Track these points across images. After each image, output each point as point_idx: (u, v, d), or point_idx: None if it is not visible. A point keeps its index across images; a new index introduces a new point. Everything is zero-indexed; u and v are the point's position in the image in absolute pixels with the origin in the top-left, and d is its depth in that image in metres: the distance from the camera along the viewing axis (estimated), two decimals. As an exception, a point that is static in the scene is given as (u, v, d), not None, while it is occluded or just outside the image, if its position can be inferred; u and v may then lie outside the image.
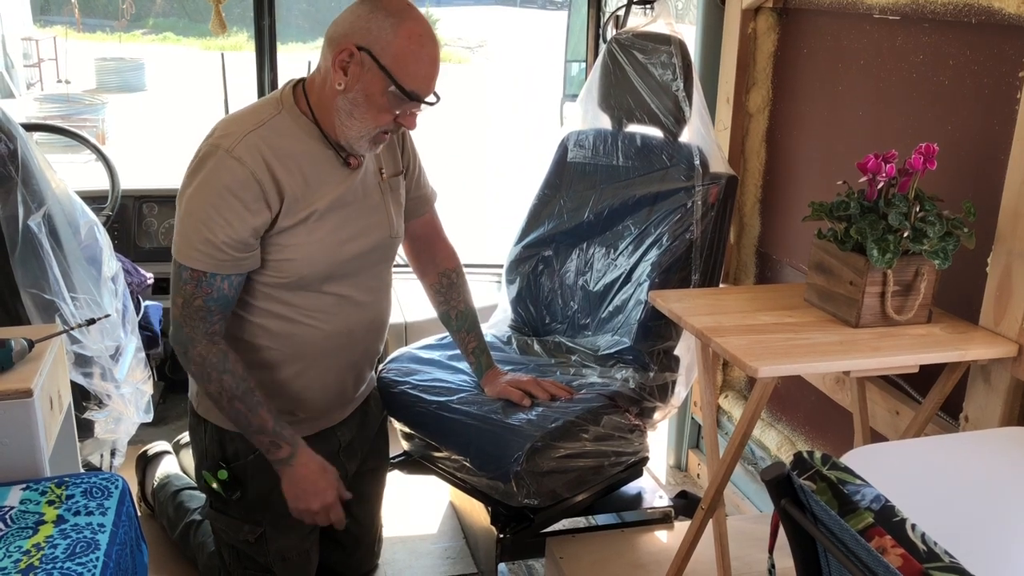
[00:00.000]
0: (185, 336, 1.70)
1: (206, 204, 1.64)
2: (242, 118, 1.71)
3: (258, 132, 1.66)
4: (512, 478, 1.79)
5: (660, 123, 2.12)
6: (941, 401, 1.57)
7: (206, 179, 1.65)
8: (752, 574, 1.86)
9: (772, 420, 2.28)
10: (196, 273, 1.66)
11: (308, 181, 1.71)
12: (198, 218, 1.64)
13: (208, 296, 1.67)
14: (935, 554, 0.80)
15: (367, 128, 1.68)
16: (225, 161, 1.63)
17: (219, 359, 1.70)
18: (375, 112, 1.66)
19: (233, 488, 1.84)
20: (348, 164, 1.76)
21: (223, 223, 1.64)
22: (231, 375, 1.70)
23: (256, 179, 1.64)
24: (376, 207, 1.83)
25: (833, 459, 0.93)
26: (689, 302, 1.68)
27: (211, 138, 1.68)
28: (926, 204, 1.51)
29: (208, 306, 1.68)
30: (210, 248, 1.65)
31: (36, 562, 1.28)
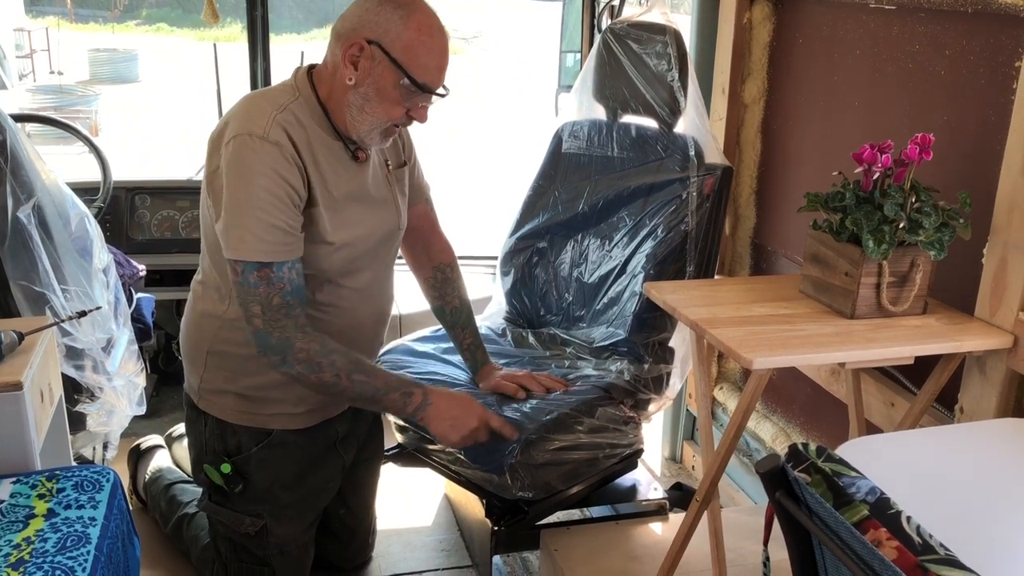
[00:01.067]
0: (278, 342, 1.64)
1: (259, 191, 1.59)
2: (261, 104, 1.67)
3: (282, 115, 1.64)
4: (506, 471, 1.78)
5: (655, 114, 2.11)
6: (936, 392, 1.56)
7: (249, 168, 1.60)
8: (747, 566, 1.86)
9: (767, 412, 2.28)
10: (263, 271, 1.61)
11: (323, 171, 1.70)
12: (255, 207, 1.59)
13: (283, 290, 1.63)
14: (930, 546, 0.79)
15: (379, 122, 1.67)
16: (263, 146, 1.60)
17: (320, 345, 1.66)
18: (387, 106, 1.65)
19: (236, 482, 1.83)
20: (356, 158, 1.75)
21: (280, 205, 1.61)
22: (338, 353, 1.68)
23: (294, 158, 1.63)
24: (385, 199, 1.83)
25: (828, 451, 0.92)
26: (684, 293, 1.67)
27: (234, 128, 1.63)
28: (922, 195, 1.50)
29: (287, 300, 1.64)
30: (275, 234, 1.61)
31: (27, 556, 1.28)
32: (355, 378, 1.68)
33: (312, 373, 1.67)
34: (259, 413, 1.83)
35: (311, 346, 1.66)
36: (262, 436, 1.83)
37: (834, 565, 0.96)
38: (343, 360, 1.68)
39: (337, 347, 1.69)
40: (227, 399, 1.83)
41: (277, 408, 1.83)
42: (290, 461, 1.86)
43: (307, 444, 1.88)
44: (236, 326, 1.77)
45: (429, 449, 2.01)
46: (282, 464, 1.85)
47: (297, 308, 1.66)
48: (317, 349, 1.66)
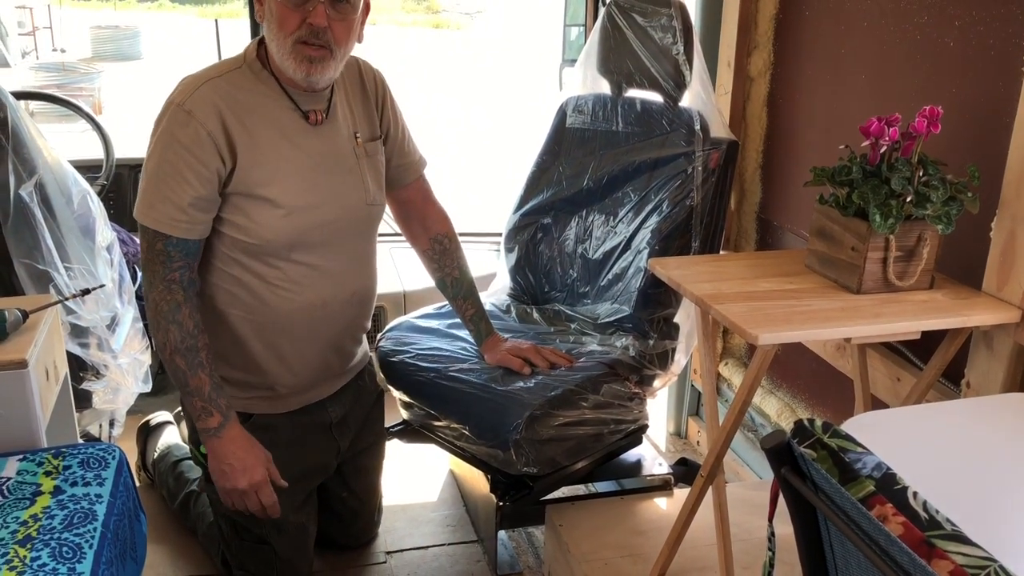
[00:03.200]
0: (146, 282, 1.69)
1: (163, 162, 1.63)
2: (202, 72, 1.70)
3: (212, 83, 1.65)
4: (511, 446, 1.78)
5: (660, 88, 2.09)
6: (943, 368, 1.56)
7: (160, 136, 1.65)
8: (752, 540, 1.86)
9: (772, 387, 2.27)
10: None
11: (268, 137, 1.69)
12: (157, 176, 1.64)
13: (169, 240, 1.65)
14: (937, 522, 0.79)
15: (283, 43, 1.65)
16: (177, 115, 1.63)
17: (170, 308, 1.66)
18: (279, 22, 1.63)
19: None
20: (308, 119, 1.73)
21: (180, 180, 1.63)
22: (178, 327, 1.67)
23: (207, 131, 1.63)
24: (350, 171, 1.79)
25: (834, 427, 0.92)
26: (689, 269, 1.66)
27: (169, 96, 1.68)
28: (929, 168, 1.49)
29: (168, 250, 1.66)
30: (171, 208, 1.63)
31: (34, 533, 1.28)
32: (175, 360, 1.68)
33: (152, 328, 1.70)
34: (236, 396, 1.81)
35: (163, 303, 1.67)
36: (243, 419, 1.81)
37: (839, 541, 0.96)
38: (178, 336, 1.67)
39: (185, 324, 1.67)
40: None
41: (252, 392, 1.83)
42: (275, 444, 1.83)
43: (293, 428, 1.87)
44: (204, 299, 1.77)
45: (434, 425, 2.01)
46: (267, 446, 1.84)
47: (176, 262, 1.66)
48: (164, 310, 1.67)
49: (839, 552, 0.96)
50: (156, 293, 1.67)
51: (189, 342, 1.67)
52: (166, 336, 1.67)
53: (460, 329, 2.10)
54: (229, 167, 1.66)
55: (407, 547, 2.15)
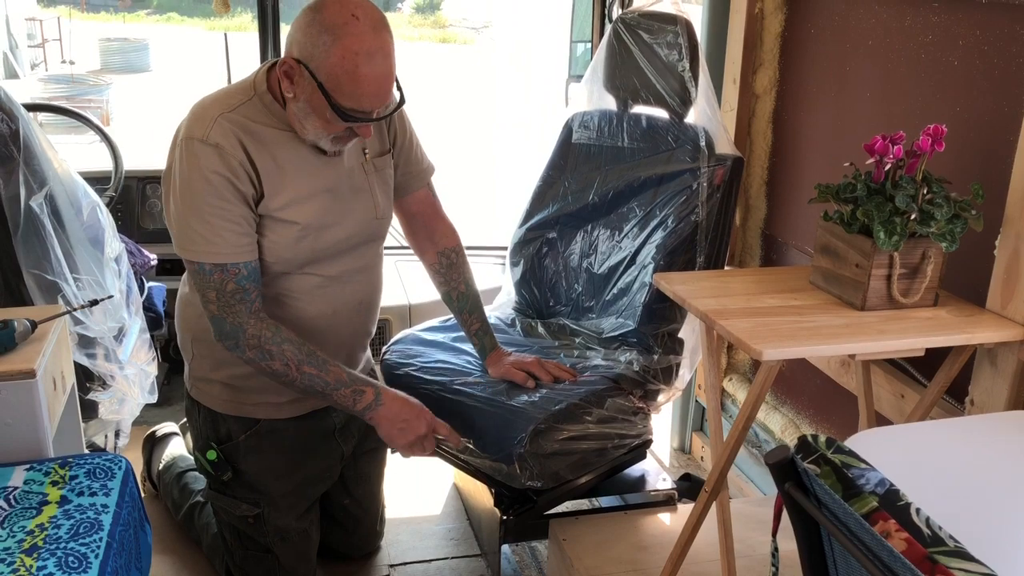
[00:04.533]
0: (231, 327, 1.66)
1: (202, 195, 1.61)
2: (210, 106, 1.67)
3: (228, 116, 1.64)
4: (515, 460, 1.79)
5: (666, 104, 2.11)
6: (947, 385, 1.56)
7: (190, 173, 1.62)
8: (755, 556, 1.86)
9: (777, 403, 2.28)
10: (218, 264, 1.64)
11: (283, 168, 1.69)
12: (198, 213, 1.62)
13: (238, 276, 1.65)
14: (939, 538, 0.79)
15: (322, 134, 1.66)
16: (203, 149, 1.61)
17: (273, 332, 1.67)
18: (323, 122, 1.64)
19: (223, 468, 1.84)
20: (323, 151, 1.73)
21: (225, 205, 1.62)
22: (290, 343, 1.68)
23: (238, 160, 1.63)
24: (359, 189, 1.81)
25: (838, 443, 0.92)
26: (693, 284, 1.67)
27: (184, 131, 1.65)
28: (934, 186, 1.49)
29: (242, 286, 1.65)
30: (232, 237, 1.63)
31: (40, 542, 1.29)
32: (305, 370, 1.68)
33: (263, 360, 1.68)
34: (244, 403, 1.84)
35: (263, 332, 1.66)
36: (250, 424, 1.84)
37: (843, 556, 0.96)
38: (294, 350, 1.68)
39: (291, 337, 1.69)
40: (213, 388, 1.84)
41: (260, 397, 1.84)
42: (280, 450, 1.87)
43: (299, 433, 1.89)
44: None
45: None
46: (271, 452, 1.86)
47: (252, 293, 1.67)
48: (269, 336, 1.67)
49: (843, 568, 0.96)
50: (251, 329, 1.66)
51: (305, 348, 1.70)
52: (284, 359, 1.67)
53: (465, 343, 2.11)
54: (259, 194, 1.67)
55: (411, 560, 2.15)
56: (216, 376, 1.83)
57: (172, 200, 1.66)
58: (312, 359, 1.69)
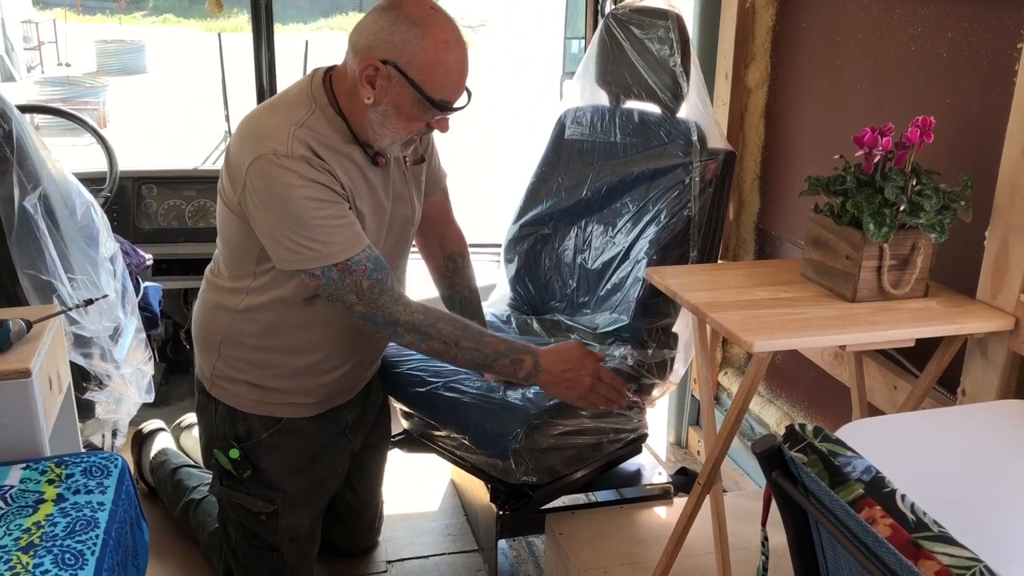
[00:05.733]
0: (383, 319, 1.67)
1: (303, 203, 1.59)
2: (278, 121, 1.64)
3: (302, 130, 1.63)
4: (511, 455, 1.79)
5: (658, 99, 2.11)
6: (938, 375, 1.57)
7: (285, 185, 1.59)
8: (750, 549, 1.87)
9: (771, 397, 2.28)
10: (340, 266, 1.62)
11: (352, 181, 1.69)
12: (306, 220, 1.59)
13: (368, 271, 1.64)
14: (924, 524, 0.80)
15: (399, 136, 1.67)
16: (291, 163, 1.59)
17: (424, 314, 1.69)
18: (406, 122, 1.64)
19: (244, 467, 1.85)
20: (376, 163, 1.74)
21: (328, 205, 1.61)
22: (443, 321, 1.70)
23: (322, 165, 1.62)
24: (401, 197, 1.83)
25: (825, 431, 0.93)
26: (686, 278, 1.68)
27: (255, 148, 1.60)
28: (923, 178, 1.50)
29: (376, 278, 1.65)
30: (336, 234, 1.62)
31: (36, 540, 1.30)
32: (464, 345, 1.71)
33: (422, 342, 1.70)
34: (270, 402, 1.84)
35: (415, 316, 1.68)
36: (272, 423, 1.85)
37: (830, 544, 0.97)
38: (449, 328, 1.71)
39: (441, 314, 1.72)
40: (239, 387, 1.84)
41: (288, 398, 1.85)
42: (300, 447, 1.88)
43: (317, 431, 1.90)
44: (250, 318, 1.79)
45: (434, 435, 2.02)
46: (292, 450, 1.87)
47: (388, 281, 1.67)
48: (422, 319, 1.69)
49: (830, 555, 0.97)
50: (403, 316, 1.67)
51: (459, 323, 1.72)
52: (440, 336, 1.69)
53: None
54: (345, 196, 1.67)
55: (408, 556, 2.16)
56: (244, 377, 1.83)
57: (267, 220, 1.62)
58: (468, 333, 1.72)
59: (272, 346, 1.80)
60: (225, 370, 1.85)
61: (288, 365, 1.82)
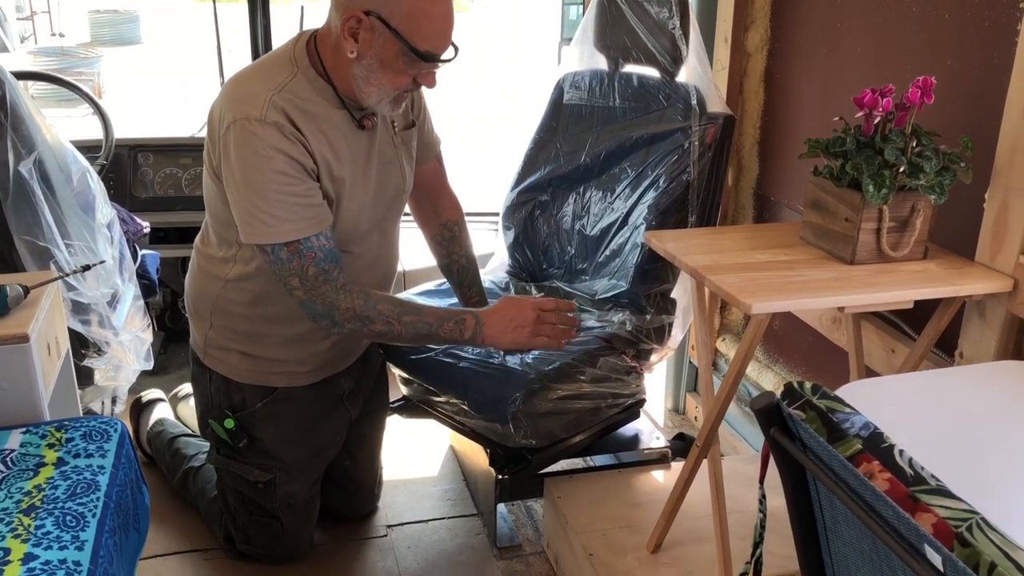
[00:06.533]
0: (323, 308, 1.66)
1: (269, 174, 1.58)
2: (256, 84, 1.63)
3: (280, 95, 1.61)
4: (510, 419, 1.80)
5: (657, 63, 2.10)
6: (936, 337, 1.57)
7: (254, 152, 1.58)
8: (747, 512, 1.88)
9: (769, 362, 2.29)
10: (292, 246, 1.61)
11: (334, 146, 1.67)
12: (269, 191, 1.59)
13: (316, 259, 1.63)
14: (921, 478, 0.81)
15: (386, 92, 1.64)
16: (263, 129, 1.57)
17: (363, 300, 1.68)
18: (392, 76, 1.61)
19: (240, 436, 1.86)
20: (363, 127, 1.72)
21: (293, 181, 1.60)
22: (383, 302, 1.70)
23: (295, 134, 1.60)
24: (390, 163, 1.81)
25: (823, 389, 0.93)
26: (684, 242, 1.67)
27: (231, 112, 1.60)
28: (923, 139, 1.49)
29: (322, 268, 1.64)
30: (295, 211, 1.61)
31: (37, 502, 1.30)
32: (406, 320, 1.71)
33: (364, 327, 1.69)
34: (264, 372, 1.85)
35: (355, 303, 1.67)
36: (266, 393, 1.85)
37: (828, 499, 0.97)
38: (389, 307, 1.70)
39: (380, 296, 1.71)
40: (232, 357, 1.84)
41: (282, 367, 1.85)
42: (296, 417, 1.88)
43: (313, 400, 1.90)
44: (239, 287, 1.78)
45: (434, 400, 2.03)
46: (288, 420, 1.88)
47: (334, 272, 1.66)
48: (361, 304, 1.67)
49: (828, 511, 0.98)
50: (343, 304, 1.66)
51: (395, 301, 1.72)
52: (383, 318, 1.69)
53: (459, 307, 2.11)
54: (316, 174, 1.65)
55: (408, 520, 2.17)
56: (236, 346, 1.83)
57: (234, 187, 1.62)
58: (407, 308, 1.72)
59: (262, 315, 1.80)
60: (217, 340, 1.85)
61: (279, 334, 1.81)
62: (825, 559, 1.05)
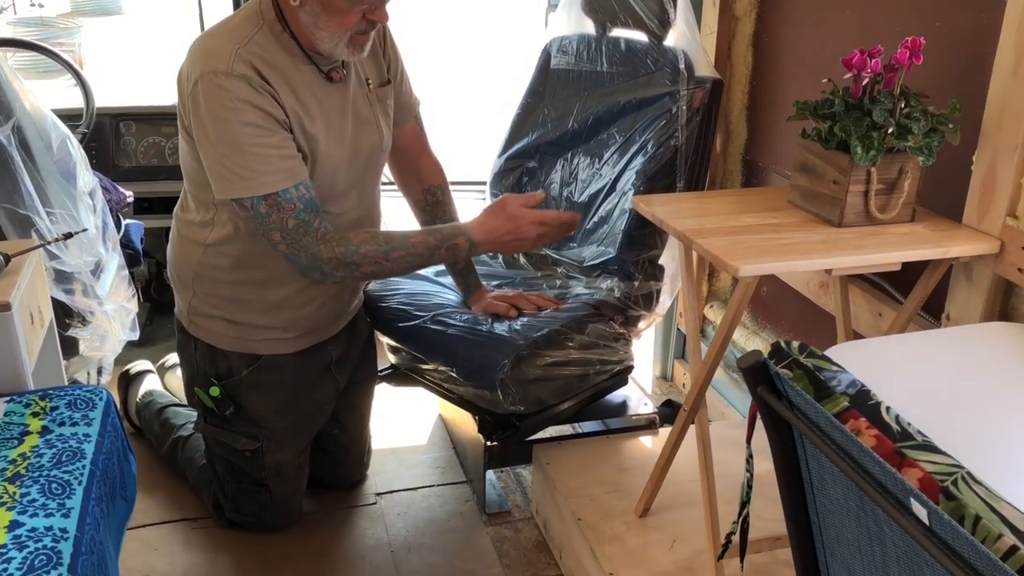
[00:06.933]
0: (308, 260, 1.65)
1: (240, 127, 1.57)
2: (222, 39, 1.61)
3: (246, 48, 1.59)
4: (498, 386, 1.80)
5: (644, 26, 2.07)
6: (923, 300, 1.57)
7: (223, 106, 1.56)
8: (735, 476, 1.88)
9: (756, 328, 2.29)
10: (270, 200, 1.60)
11: (302, 100, 1.65)
12: (241, 144, 1.57)
13: (296, 210, 1.62)
14: (908, 434, 0.81)
15: (337, 34, 1.61)
16: (231, 82, 1.55)
17: (346, 246, 1.66)
18: (337, 16, 1.59)
19: (226, 404, 1.85)
20: (331, 79, 1.70)
21: (266, 133, 1.58)
22: (366, 243, 1.68)
23: (263, 86, 1.58)
24: (366, 121, 1.79)
25: (810, 348, 0.93)
26: (672, 206, 1.67)
27: (198, 67, 1.58)
28: (911, 100, 1.48)
29: (302, 219, 1.62)
30: (271, 163, 1.59)
31: (23, 470, 1.29)
32: (394, 256, 1.70)
33: (354, 273, 1.69)
34: (248, 339, 1.83)
35: (337, 251, 1.66)
36: (251, 360, 1.84)
37: (815, 457, 0.97)
38: (373, 247, 1.68)
39: (362, 237, 1.69)
40: (216, 324, 1.83)
41: (266, 334, 1.84)
42: (282, 384, 1.87)
43: (299, 367, 1.89)
44: (219, 252, 1.77)
45: (422, 368, 2.02)
46: (274, 387, 1.87)
47: (315, 222, 1.65)
48: (343, 251, 1.66)
49: (815, 469, 0.98)
50: (327, 254, 1.65)
51: (380, 238, 1.70)
52: (370, 259, 1.68)
53: (446, 275, 2.11)
54: (288, 123, 1.63)
55: (397, 488, 2.18)
56: (219, 313, 1.82)
57: (206, 143, 1.60)
58: (393, 243, 1.70)
59: (243, 279, 1.78)
60: (201, 307, 1.83)
61: (261, 299, 1.80)
62: (812, 517, 1.05)
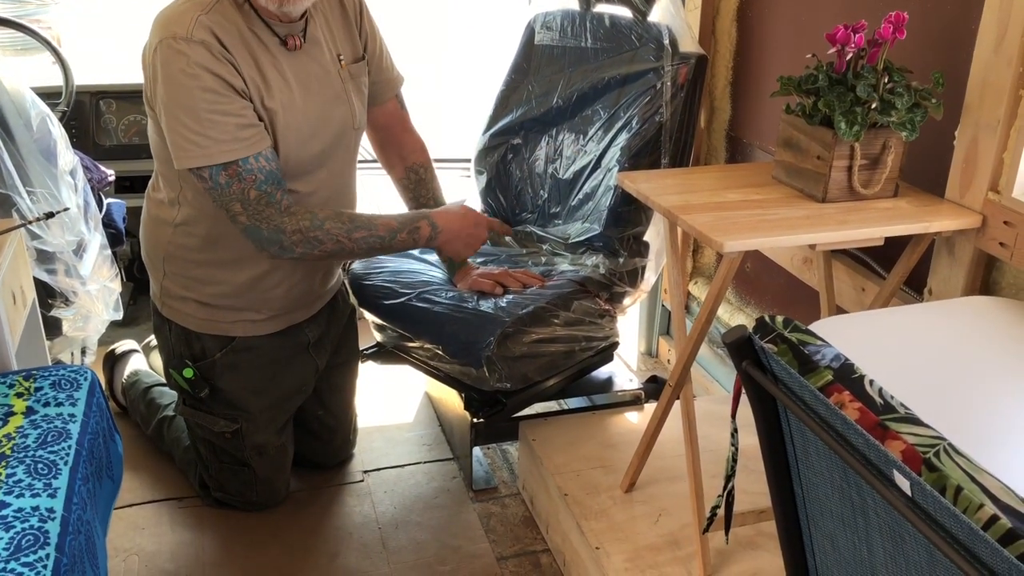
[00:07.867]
0: (269, 233, 1.63)
1: (198, 93, 1.55)
2: (186, 4, 1.60)
3: (208, 16, 1.58)
4: (484, 363, 1.81)
5: (628, 2, 2.06)
6: (906, 275, 1.58)
7: (180, 71, 1.55)
8: (719, 451, 1.90)
9: (741, 304, 2.30)
10: (230, 169, 1.58)
11: (263, 71, 1.64)
12: (199, 110, 1.55)
13: (257, 181, 1.60)
14: (891, 407, 0.82)
15: None
16: (189, 47, 1.54)
17: (310, 220, 1.65)
18: None
19: (200, 386, 1.84)
20: (286, 44, 1.67)
21: (224, 100, 1.56)
22: (330, 220, 1.67)
23: (223, 54, 1.57)
24: (337, 97, 1.77)
25: (795, 322, 0.94)
26: (657, 182, 1.67)
27: (158, 34, 1.57)
28: (895, 75, 1.49)
29: (264, 190, 1.61)
30: (229, 131, 1.57)
31: (8, 451, 1.29)
32: (356, 236, 1.69)
33: (314, 250, 1.67)
34: (220, 320, 1.83)
35: (301, 224, 1.64)
36: (225, 342, 1.83)
37: (799, 431, 0.98)
38: (337, 225, 1.67)
39: (327, 214, 1.68)
40: (188, 306, 1.82)
41: (238, 315, 1.83)
42: (257, 366, 1.87)
43: (274, 349, 1.88)
44: (187, 231, 1.76)
45: (408, 346, 2.02)
46: (249, 369, 1.86)
47: (277, 194, 1.63)
48: (308, 225, 1.65)
49: (799, 442, 0.99)
50: (289, 227, 1.63)
51: (344, 217, 1.70)
52: (332, 237, 1.67)
53: (431, 253, 2.10)
54: (247, 92, 1.61)
55: (384, 466, 2.19)
56: (191, 295, 1.81)
57: (164, 112, 1.59)
58: (357, 223, 1.70)
59: (213, 260, 1.77)
60: (172, 288, 1.82)
61: (232, 280, 1.79)
62: (796, 490, 1.07)
